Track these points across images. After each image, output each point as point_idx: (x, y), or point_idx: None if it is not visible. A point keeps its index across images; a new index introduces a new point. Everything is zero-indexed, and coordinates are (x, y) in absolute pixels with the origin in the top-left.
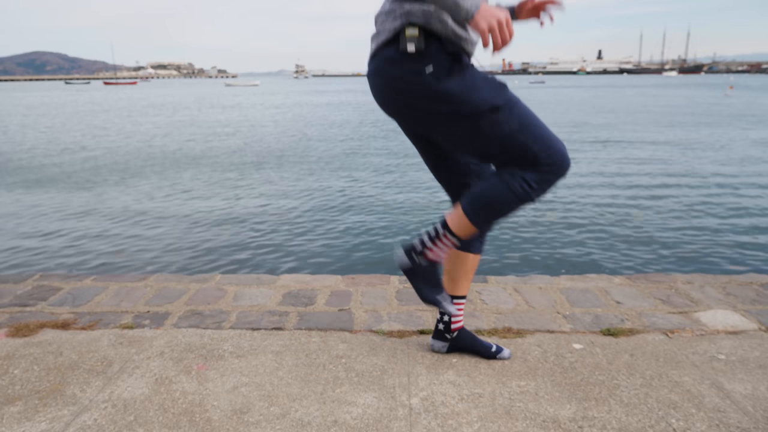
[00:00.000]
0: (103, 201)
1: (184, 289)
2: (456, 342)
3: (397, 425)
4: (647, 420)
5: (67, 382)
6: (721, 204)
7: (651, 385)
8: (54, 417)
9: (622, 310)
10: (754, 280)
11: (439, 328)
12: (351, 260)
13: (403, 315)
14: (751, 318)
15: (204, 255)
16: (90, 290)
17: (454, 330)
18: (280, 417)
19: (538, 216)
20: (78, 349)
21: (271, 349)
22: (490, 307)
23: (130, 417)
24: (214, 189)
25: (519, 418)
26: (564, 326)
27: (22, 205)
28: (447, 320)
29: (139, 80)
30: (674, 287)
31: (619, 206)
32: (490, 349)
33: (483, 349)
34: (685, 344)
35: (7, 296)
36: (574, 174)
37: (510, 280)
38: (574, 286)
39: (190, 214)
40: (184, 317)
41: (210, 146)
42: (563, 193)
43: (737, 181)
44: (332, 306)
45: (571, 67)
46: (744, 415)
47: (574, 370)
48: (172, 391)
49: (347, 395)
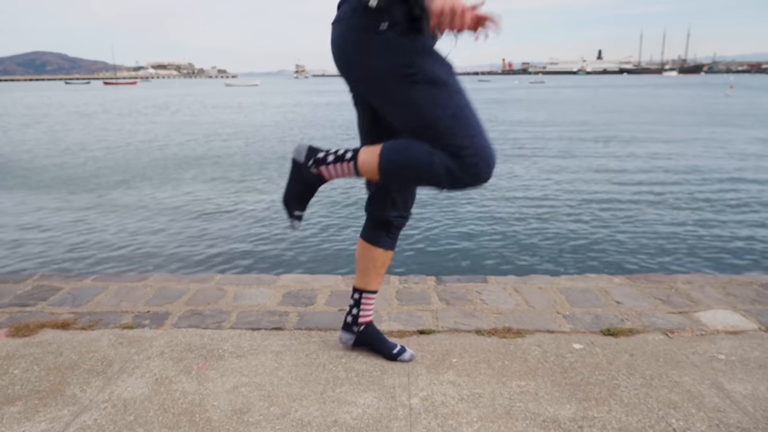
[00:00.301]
0: (104, 201)
1: (184, 289)
2: (362, 336)
3: (397, 425)
4: (647, 420)
5: (67, 382)
6: (721, 204)
7: (651, 385)
8: (54, 417)
9: (622, 310)
10: (754, 280)
11: (348, 320)
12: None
13: (403, 315)
14: (751, 318)
15: (204, 255)
16: (90, 290)
17: (360, 324)
18: (280, 417)
19: (538, 216)
20: (78, 349)
21: (271, 349)
22: (490, 307)
23: (130, 417)
24: (215, 189)
25: (519, 418)
26: (564, 326)
27: (22, 204)
28: (355, 313)
29: (140, 80)
30: (674, 287)
31: (620, 206)
32: (392, 350)
33: (385, 348)
34: (685, 344)
35: (7, 296)
36: (574, 174)
37: (510, 280)
38: (574, 286)
39: (190, 214)
40: (184, 317)
41: (211, 146)
42: (563, 193)
43: (737, 181)
44: (332, 306)
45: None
46: (744, 415)
47: (574, 370)
48: (172, 391)
49: (347, 395)
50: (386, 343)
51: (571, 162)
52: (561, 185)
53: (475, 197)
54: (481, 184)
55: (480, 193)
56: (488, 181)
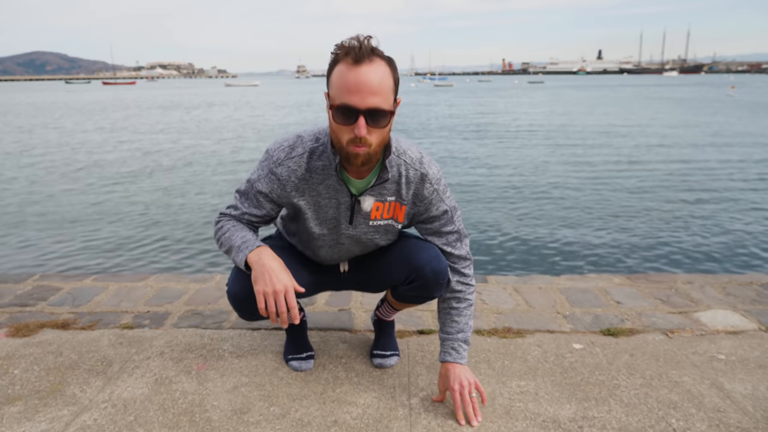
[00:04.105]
0: (104, 201)
1: (184, 289)
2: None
3: (397, 425)
4: (647, 420)
5: (67, 382)
6: (721, 204)
7: (651, 385)
8: (54, 417)
9: (622, 310)
10: (754, 280)
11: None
12: None
13: (403, 315)
14: (751, 318)
15: (204, 255)
16: (90, 290)
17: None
18: (280, 417)
19: (538, 216)
20: (78, 349)
21: (271, 349)
22: (490, 307)
23: (130, 417)
24: (215, 189)
25: (519, 418)
26: (564, 326)
27: (23, 205)
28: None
29: (144, 80)
30: (674, 287)
31: (620, 206)
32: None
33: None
34: (685, 344)
35: (7, 296)
36: (574, 173)
37: (510, 280)
38: (574, 286)
39: (191, 214)
40: (184, 317)
41: (212, 146)
42: (564, 193)
43: (737, 181)
44: (332, 306)
45: (571, 67)
46: (744, 415)
47: (574, 370)
48: (172, 391)
49: (347, 395)
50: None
51: (571, 161)
52: (561, 185)
53: (476, 197)
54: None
55: (480, 194)
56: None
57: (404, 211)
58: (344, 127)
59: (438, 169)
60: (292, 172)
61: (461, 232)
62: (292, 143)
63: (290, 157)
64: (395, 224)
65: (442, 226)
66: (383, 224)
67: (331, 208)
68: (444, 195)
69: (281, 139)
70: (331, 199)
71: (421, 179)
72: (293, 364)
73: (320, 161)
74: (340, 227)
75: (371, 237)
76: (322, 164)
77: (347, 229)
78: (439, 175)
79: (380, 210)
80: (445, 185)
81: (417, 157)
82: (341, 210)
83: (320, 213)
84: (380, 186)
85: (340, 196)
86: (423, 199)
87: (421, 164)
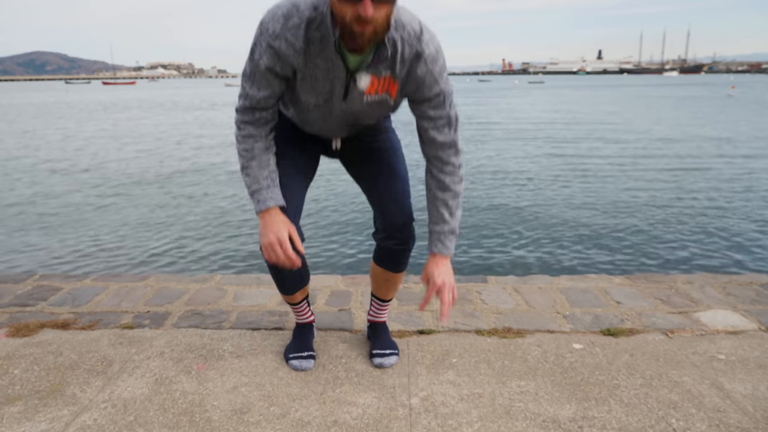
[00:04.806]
0: (104, 201)
1: (184, 289)
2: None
3: (397, 425)
4: (647, 420)
5: (67, 382)
6: (721, 203)
7: (651, 385)
8: (54, 417)
9: (622, 310)
10: (754, 280)
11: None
12: (351, 260)
13: (403, 315)
14: (751, 318)
15: (204, 255)
16: (90, 290)
17: (368, 321)
18: (280, 417)
19: (538, 216)
20: (78, 349)
21: (271, 349)
22: (490, 307)
23: (130, 417)
24: (215, 188)
25: (519, 418)
26: (564, 326)
27: (23, 204)
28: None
29: (145, 80)
30: (674, 287)
31: (620, 206)
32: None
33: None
34: (685, 344)
35: (7, 296)
36: (574, 173)
37: (510, 280)
38: (574, 286)
39: (191, 214)
40: (184, 317)
41: (212, 146)
42: (564, 193)
43: (738, 181)
44: (332, 306)
45: (571, 67)
46: (744, 415)
47: (574, 370)
48: (172, 391)
49: (347, 395)
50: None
51: (571, 162)
52: (560, 185)
53: (475, 198)
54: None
55: (479, 194)
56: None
57: (397, 88)
58: (347, 4)
59: (437, 47)
60: (290, 45)
61: (451, 117)
62: (287, 11)
63: (287, 28)
64: (389, 99)
65: (432, 108)
66: (377, 99)
67: (327, 81)
68: (440, 76)
69: (274, 7)
70: (328, 71)
71: (416, 57)
72: (294, 363)
73: (318, 32)
74: (333, 101)
75: (365, 110)
76: (320, 35)
77: (341, 105)
78: (436, 55)
79: (375, 85)
80: (443, 66)
81: (416, 32)
82: (336, 85)
83: (316, 86)
84: (377, 62)
85: (337, 71)
86: (416, 78)
87: (418, 41)
